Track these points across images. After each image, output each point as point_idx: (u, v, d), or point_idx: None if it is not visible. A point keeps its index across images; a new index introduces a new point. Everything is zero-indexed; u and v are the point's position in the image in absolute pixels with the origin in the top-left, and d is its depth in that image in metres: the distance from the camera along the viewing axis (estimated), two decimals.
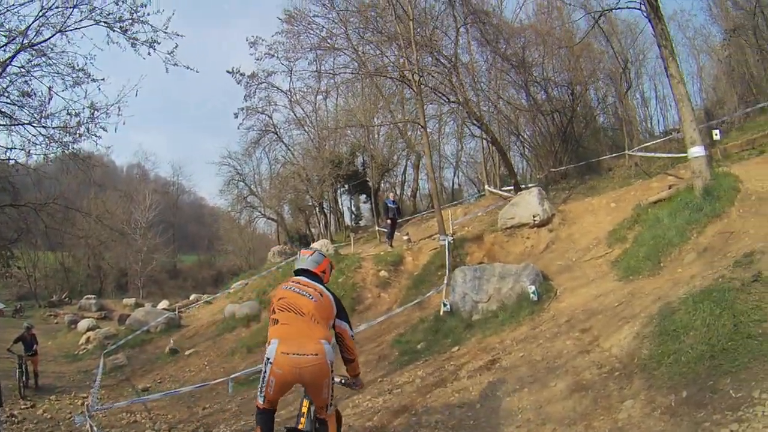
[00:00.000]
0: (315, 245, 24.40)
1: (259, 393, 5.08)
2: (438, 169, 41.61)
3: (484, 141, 30.89)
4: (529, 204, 18.66)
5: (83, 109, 16.55)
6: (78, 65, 16.17)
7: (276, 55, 33.93)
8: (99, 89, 17.43)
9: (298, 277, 5.74)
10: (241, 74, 35.35)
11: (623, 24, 29.16)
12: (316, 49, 29.49)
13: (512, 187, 25.47)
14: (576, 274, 14.01)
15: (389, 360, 13.07)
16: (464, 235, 20.85)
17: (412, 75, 19.77)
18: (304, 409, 5.44)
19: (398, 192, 39.86)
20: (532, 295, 12.57)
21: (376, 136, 37.95)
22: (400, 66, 21.51)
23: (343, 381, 5.92)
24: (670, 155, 20.86)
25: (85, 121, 16.52)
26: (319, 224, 42.57)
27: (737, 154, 16.73)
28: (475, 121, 23.33)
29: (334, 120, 36.82)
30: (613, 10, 16.97)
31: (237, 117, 37.90)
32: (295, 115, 38.85)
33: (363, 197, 41.58)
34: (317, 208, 41.95)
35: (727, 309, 6.88)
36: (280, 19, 33.56)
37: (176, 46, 14.13)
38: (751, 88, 25.61)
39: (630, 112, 27.86)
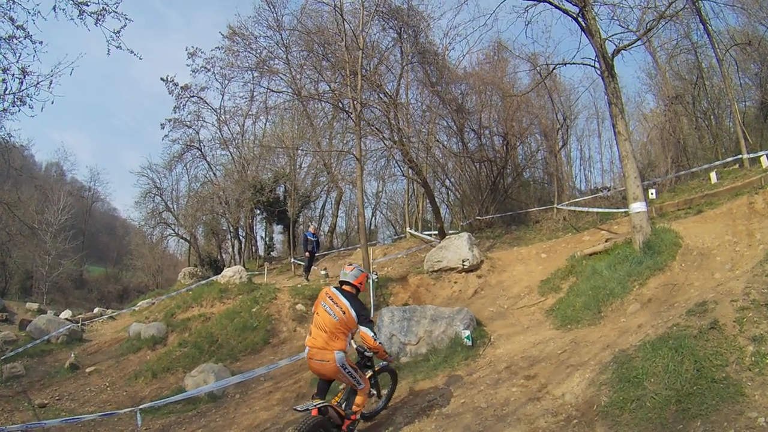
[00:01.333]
0: (228, 271, 23.81)
1: None
2: (356, 208, 41.54)
3: (408, 183, 31.30)
4: (458, 248, 18.82)
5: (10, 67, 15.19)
6: (17, 20, 14.85)
7: (212, 70, 33.43)
8: (35, 53, 15.70)
9: (334, 291, 8.30)
10: (174, 84, 35.13)
11: (565, 81, 30.38)
12: (253, 70, 29.54)
13: (436, 232, 25.75)
14: (510, 321, 14.00)
15: (309, 399, 12.55)
16: (387, 275, 20.77)
17: (354, 105, 19.63)
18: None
19: (316, 226, 39.36)
20: (466, 340, 12.22)
21: (300, 166, 37.75)
22: (341, 94, 21.39)
23: (367, 350, 8.66)
24: (599, 210, 21.74)
25: (12, 89, 15.18)
26: (233, 250, 41.38)
27: (673, 212, 17.40)
28: (408, 162, 23.31)
29: (260, 144, 36.22)
30: (564, 65, 17.45)
31: (163, 128, 37.06)
32: (221, 134, 37.96)
33: (280, 227, 40.59)
34: (231, 233, 40.83)
35: (688, 355, 7.03)
36: (222, 34, 33.65)
37: (124, 26, 13.24)
38: (685, 154, 27.10)
39: (561, 167, 28.77)
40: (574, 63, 16.09)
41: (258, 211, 38.48)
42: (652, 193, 19.56)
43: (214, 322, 18.64)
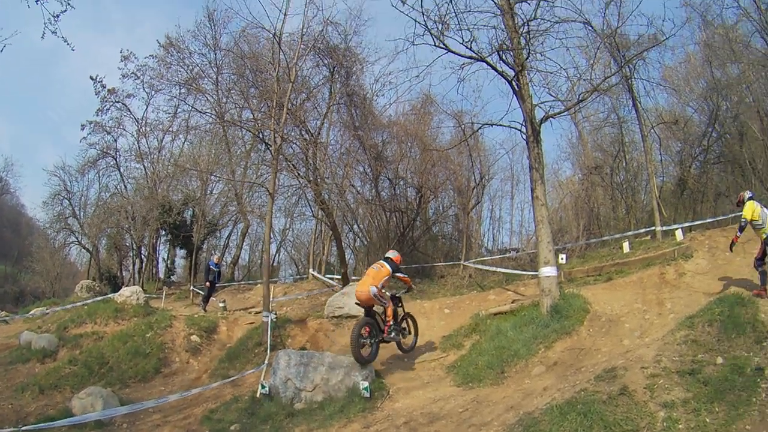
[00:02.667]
0: (126, 290, 23.04)
1: None
2: (263, 241, 41.27)
3: (317, 224, 31.25)
4: None
5: None
6: None
7: (142, 78, 33.50)
8: None
9: (380, 261, 14.26)
10: (102, 85, 35.00)
11: (487, 141, 31.20)
12: (181, 85, 29.18)
13: (339, 276, 25.67)
14: (409, 375, 13.83)
15: None
16: (287, 316, 20.35)
17: (274, 138, 19.43)
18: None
19: (220, 255, 38.59)
20: (364, 391, 12.00)
21: (211, 192, 37.22)
22: (263, 125, 21.31)
23: (396, 293, 14.90)
24: (505, 271, 22.15)
25: None
26: (133, 268, 39.89)
27: (582, 278, 17.83)
28: (319, 203, 23.34)
29: (174, 163, 35.50)
30: (491, 126, 17.92)
31: (83, 129, 36.22)
32: (139, 146, 37.15)
33: (183, 252, 39.63)
34: (134, 251, 39.41)
35: (597, 420, 7.08)
36: (159, 42, 33.21)
37: (64, 10, 12.69)
38: (597, 222, 28.14)
39: (471, 225, 29.34)
40: (501, 125, 16.70)
41: (163, 232, 37.54)
42: (562, 258, 19.99)
43: (107, 343, 17.99)
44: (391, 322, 13.71)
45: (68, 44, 13.17)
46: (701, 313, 10.31)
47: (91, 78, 34.54)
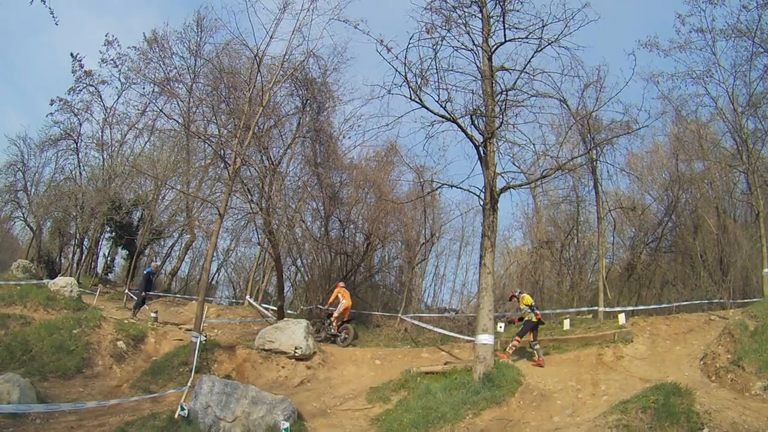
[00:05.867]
0: (60, 280, 22.74)
1: None
2: (203, 259, 40.77)
3: (261, 252, 31.54)
4: (293, 334, 18.79)
5: None
6: None
7: (119, 67, 33.68)
8: None
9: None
10: (80, 65, 34.85)
11: (443, 199, 31.85)
12: (155, 84, 29.56)
13: (275, 308, 25.80)
14: (332, 421, 14.06)
15: None
16: (216, 340, 20.48)
17: (234, 159, 19.67)
18: None
19: (158, 264, 38.03)
20: (284, 431, 12.49)
21: (163, 198, 37.10)
22: (226, 143, 21.44)
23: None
24: (442, 332, 22.74)
25: None
26: (72, 258, 38.58)
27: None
28: (267, 233, 23.43)
29: (132, 163, 35.34)
30: (451, 187, 18.42)
31: (52, 104, 35.60)
32: (102, 136, 36.85)
33: (124, 252, 39.00)
34: (77, 240, 38.17)
35: None
36: (144, 35, 33.22)
37: None
38: (541, 295, 28.90)
39: (414, 280, 30.02)
40: (461, 188, 17.38)
41: (108, 229, 37.25)
42: (500, 327, 20.68)
43: (33, 330, 17.97)
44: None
45: (53, 16, 13.24)
46: (636, 398, 10.88)
47: (72, 55, 34.59)
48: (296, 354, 18.57)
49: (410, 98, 16.01)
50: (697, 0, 23.37)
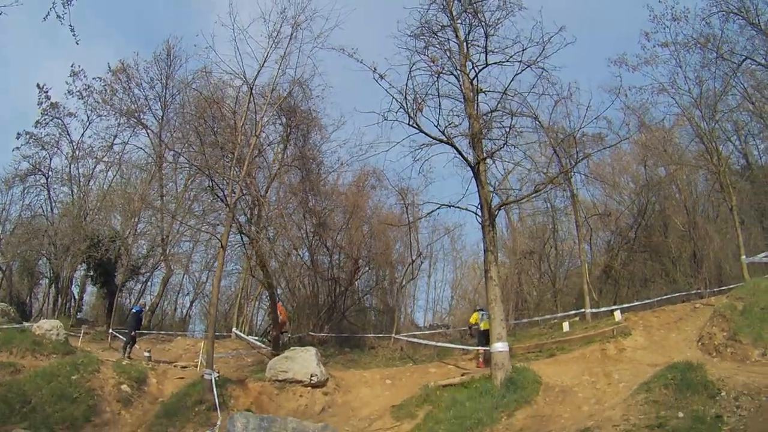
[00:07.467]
0: (45, 323, 21.68)
1: None
2: (178, 292, 42.24)
3: (245, 281, 31.92)
4: (305, 362, 19.24)
5: None
6: None
7: (86, 100, 33.20)
8: None
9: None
10: (47, 96, 34.11)
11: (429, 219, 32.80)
12: (123, 115, 29.88)
13: (263, 338, 26.98)
14: None
15: None
16: (226, 376, 20.17)
17: (231, 189, 20.04)
18: None
19: (145, 302, 36.19)
20: None
21: (139, 233, 35.85)
22: (224, 174, 21.29)
23: None
24: (439, 345, 23.72)
25: None
26: (48, 299, 37.76)
27: (523, 355, 19.31)
28: (259, 263, 23.65)
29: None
30: (449, 207, 19.10)
31: (18, 138, 35.00)
32: (70, 170, 36.14)
33: (98, 289, 37.05)
34: (50, 279, 37.21)
35: None
36: (109, 66, 33.12)
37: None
38: (527, 304, 30.46)
39: (404, 300, 31.00)
40: (459, 207, 18.21)
41: (84, 266, 35.53)
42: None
43: (27, 379, 17.14)
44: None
45: (74, 35, 12.71)
46: (655, 378, 12.19)
47: (38, 86, 34.02)
48: (312, 381, 18.93)
49: (408, 124, 17.00)
50: (662, 18, 25.05)
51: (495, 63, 17.90)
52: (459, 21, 18.81)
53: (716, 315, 16.72)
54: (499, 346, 16.11)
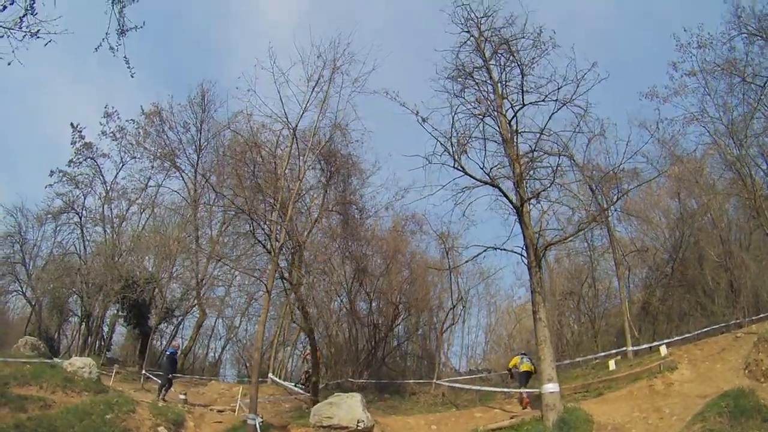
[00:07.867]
0: (77, 361, 21.76)
1: None
2: (210, 335, 42.29)
3: (281, 326, 32.00)
4: (351, 407, 19.00)
5: None
6: None
7: (120, 141, 33.80)
8: None
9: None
10: (81, 136, 34.69)
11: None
12: (156, 159, 30.33)
13: (293, 383, 26.85)
14: None
15: None
16: (268, 421, 20.24)
17: (275, 234, 20.24)
18: None
19: (179, 344, 36.57)
20: None
21: (174, 276, 35.87)
22: (269, 220, 21.31)
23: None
24: (480, 389, 23.66)
25: None
26: (78, 337, 37.68)
27: (570, 395, 19.25)
28: (301, 308, 23.56)
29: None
30: (495, 249, 19.07)
31: (51, 176, 35.26)
32: (103, 210, 36.81)
33: (135, 331, 36.96)
34: (82, 318, 36.99)
35: None
36: (142, 108, 33.64)
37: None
38: (568, 345, 30.61)
39: (444, 345, 31.04)
40: (505, 249, 18.37)
41: (118, 306, 35.74)
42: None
43: (59, 415, 16.59)
44: None
45: (129, 68, 12.58)
46: (709, 408, 12.62)
47: (72, 125, 34.87)
48: (358, 428, 18.60)
49: (453, 167, 17.40)
50: (688, 46, 25.47)
51: (532, 103, 18.19)
52: (492, 62, 19.24)
53: (761, 341, 16.85)
54: (550, 387, 16.16)
